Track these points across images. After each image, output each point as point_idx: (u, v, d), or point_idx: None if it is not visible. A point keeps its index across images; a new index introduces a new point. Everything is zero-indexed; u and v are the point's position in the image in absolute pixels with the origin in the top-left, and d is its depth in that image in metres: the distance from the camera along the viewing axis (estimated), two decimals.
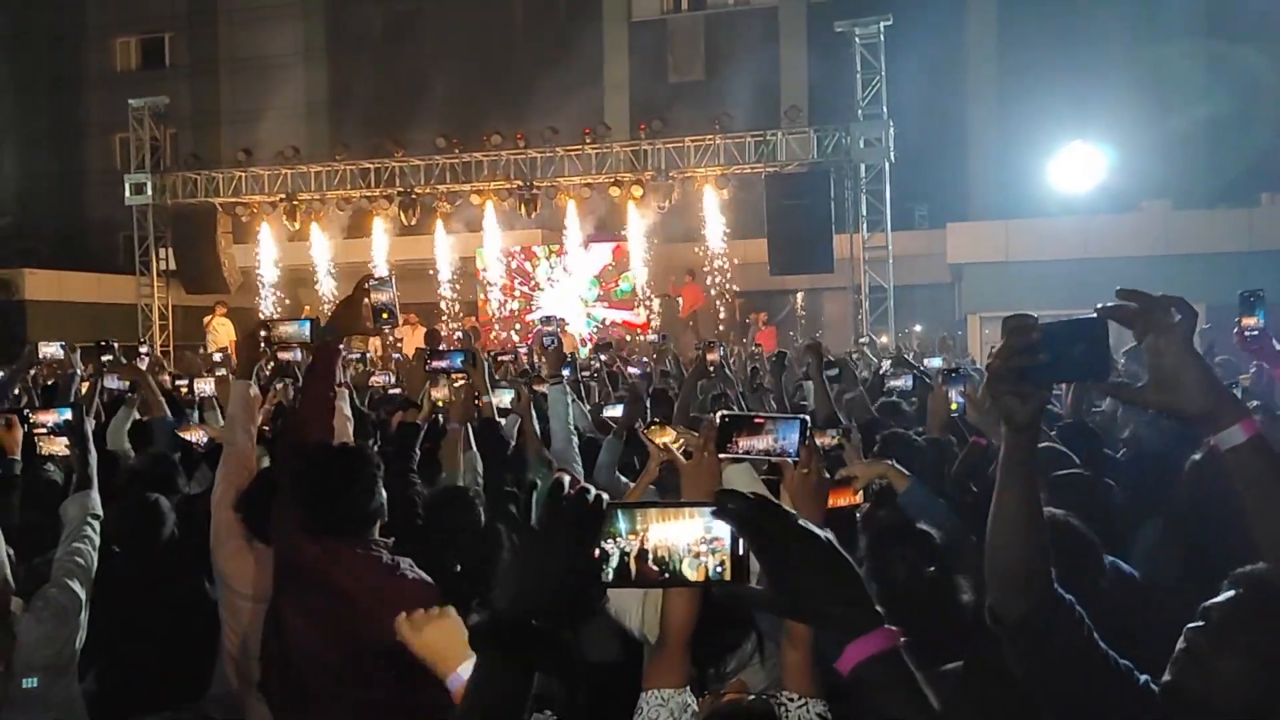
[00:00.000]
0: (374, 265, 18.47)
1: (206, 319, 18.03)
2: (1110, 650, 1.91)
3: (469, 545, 3.39)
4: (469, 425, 4.68)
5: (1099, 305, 1.68)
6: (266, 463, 3.92)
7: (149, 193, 19.54)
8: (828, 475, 2.51)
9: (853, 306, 17.63)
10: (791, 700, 2.27)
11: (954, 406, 4.66)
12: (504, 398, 6.01)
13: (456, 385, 4.79)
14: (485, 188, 18.40)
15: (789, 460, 2.30)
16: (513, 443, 5.40)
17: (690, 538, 1.24)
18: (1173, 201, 18.70)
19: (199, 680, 3.43)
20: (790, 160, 17.13)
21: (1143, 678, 1.90)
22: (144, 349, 10.09)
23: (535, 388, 6.71)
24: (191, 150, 21.43)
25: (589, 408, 7.22)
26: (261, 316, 17.64)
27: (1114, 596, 2.86)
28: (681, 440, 3.48)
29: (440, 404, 4.67)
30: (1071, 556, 2.20)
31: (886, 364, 7.01)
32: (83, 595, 3.27)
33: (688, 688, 2.32)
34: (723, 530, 1.23)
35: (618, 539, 1.24)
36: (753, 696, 2.18)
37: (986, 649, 2.38)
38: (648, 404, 6.24)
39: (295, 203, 18.92)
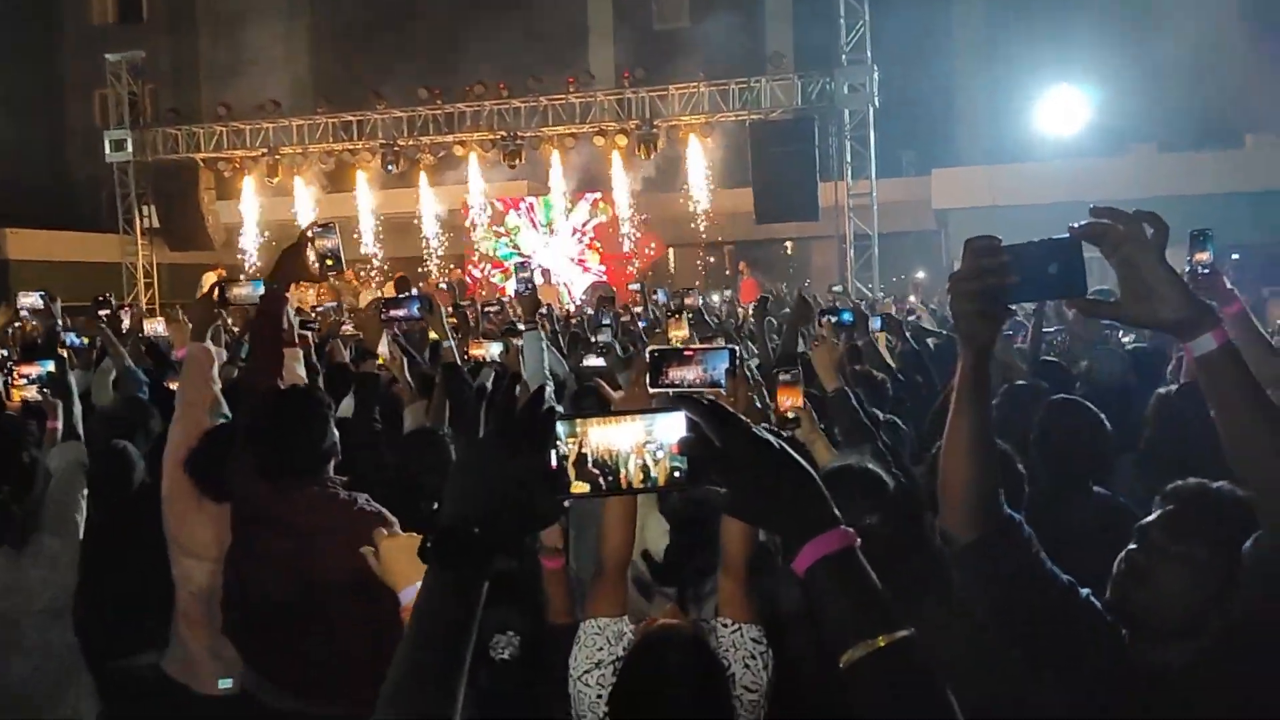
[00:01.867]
0: (354, 218, 18.38)
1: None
2: (1060, 572, 1.95)
3: (438, 485, 3.41)
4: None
5: (1072, 225, 1.69)
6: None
7: (129, 149, 19.37)
8: (759, 405, 2.54)
9: (839, 255, 17.61)
10: (725, 626, 2.32)
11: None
12: (493, 350, 6.06)
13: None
14: (468, 139, 18.26)
15: (720, 390, 2.33)
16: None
17: (633, 440, 1.22)
18: (1158, 144, 18.65)
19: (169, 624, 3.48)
20: (775, 107, 17.02)
21: (1085, 592, 1.95)
22: (128, 306, 10.07)
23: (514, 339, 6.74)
24: (171, 105, 21.19)
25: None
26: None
27: (1105, 525, 2.94)
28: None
29: (381, 361, 4.70)
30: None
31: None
32: (74, 542, 3.34)
33: (625, 616, 2.37)
34: (666, 434, 1.22)
35: (556, 445, 1.22)
36: (685, 622, 2.23)
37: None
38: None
39: (277, 157, 18.78)
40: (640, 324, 8.78)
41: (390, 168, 18.41)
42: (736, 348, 2.42)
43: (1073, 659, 1.95)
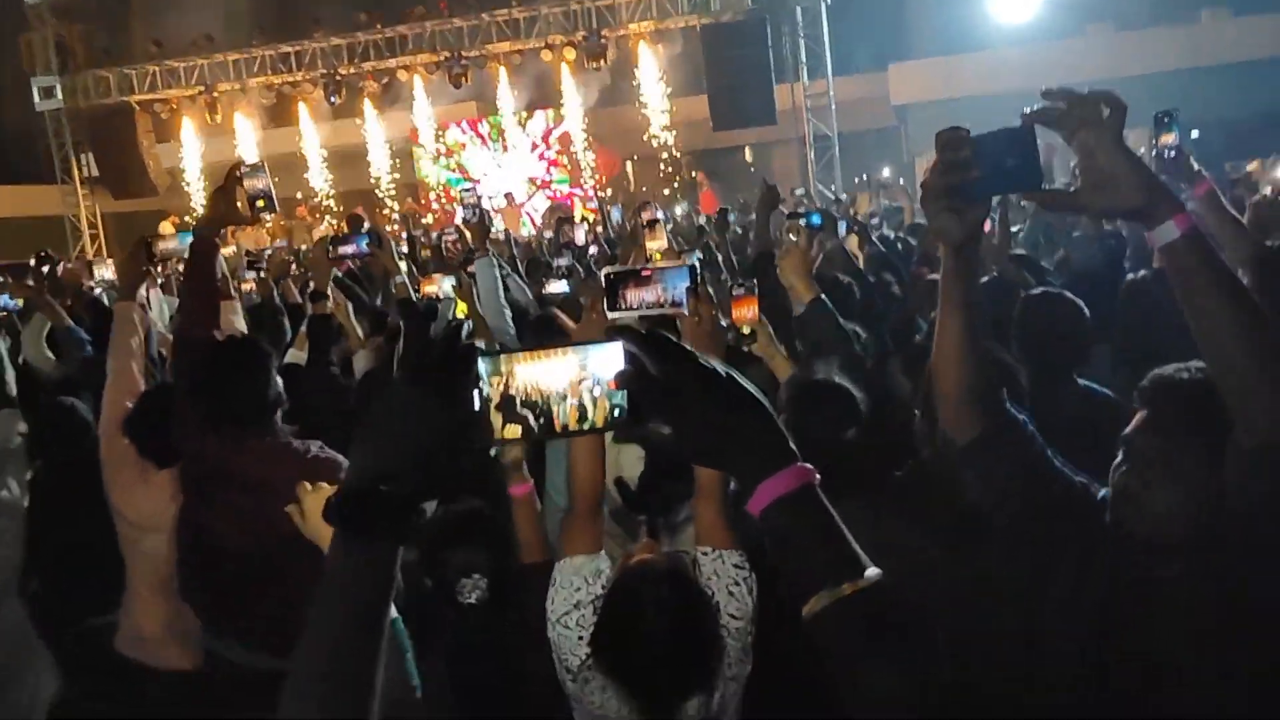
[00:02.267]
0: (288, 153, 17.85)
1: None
2: (1065, 467, 1.87)
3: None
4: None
5: (1025, 110, 1.58)
6: None
7: (59, 96, 18.66)
8: (724, 324, 2.38)
9: (800, 159, 17.36)
10: (705, 554, 2.21)
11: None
12: (444, 285, 5.87)
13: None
14: (411, 62, 17.70)
15: (681, 310, 2.16)
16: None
17: (567, 378, 1.09)
18: (1114, 23, 18.38)
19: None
20: (725, 9, 16.55)
21: (1101, 492, 1.86)
22: (63, 262, 9.70)
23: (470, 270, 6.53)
24: (101, 46, 20.36)
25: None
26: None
27: (1089, 417, 2.85)
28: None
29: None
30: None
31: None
32: (16, 518, 3.18)
33: (601, 552, 2.25)
34: (603, 369, 1.08)
35: (478, 386, 1.08)
36: (661, 557, 2.10)
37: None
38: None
39: (215, 94, 18.14)
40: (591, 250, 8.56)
41: (333, 99, 17.85)
42: (696, 264, 2.24)
43: (1082, 564, 1.83)
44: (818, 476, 1.07)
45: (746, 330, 3.12)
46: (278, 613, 2.79)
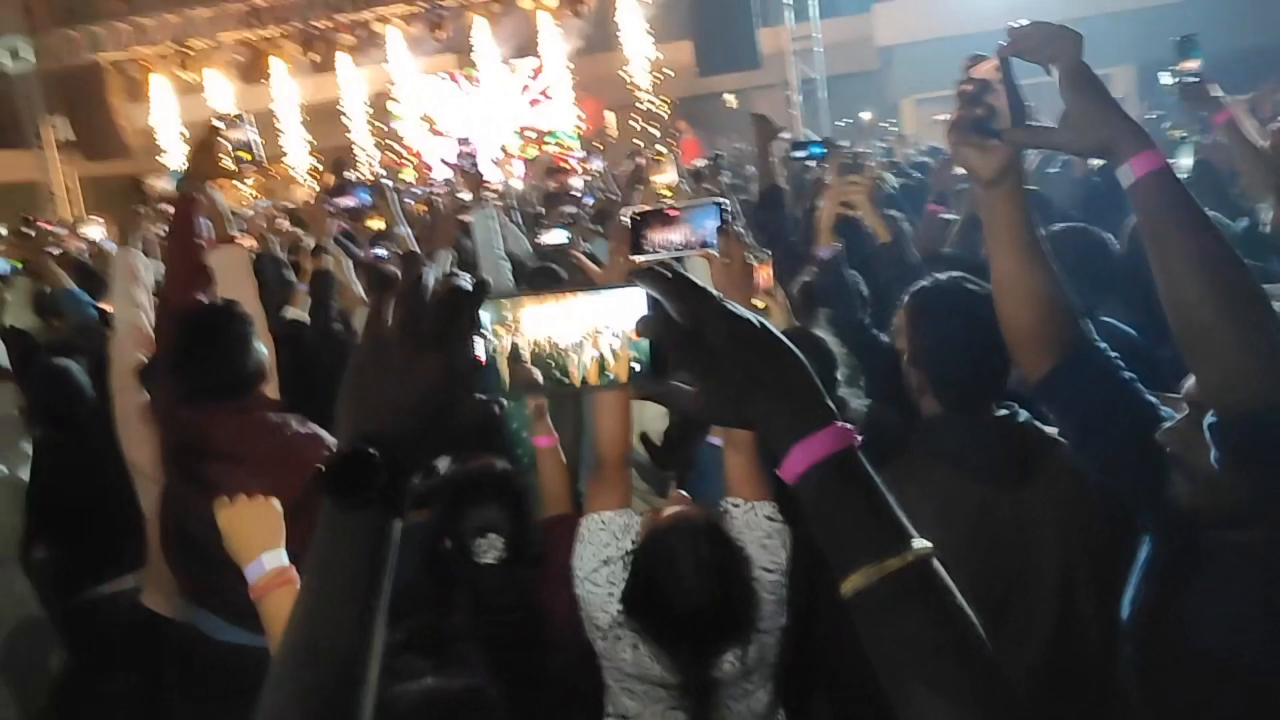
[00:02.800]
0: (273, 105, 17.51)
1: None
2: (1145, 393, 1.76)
3: None
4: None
5: (999, 45, 1.53)
6: None
7: (28, 57, 18.20)
8: (753, 263, 2.31)
9: (784, 103, 17.14)
10: (737, 506, 2.16)
11: None
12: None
13: None
14: (386, 13, 17.33)
15: (710, 251, 2.09)
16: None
17: (582, 326, 0.97)
18: None
19: (136, 550, 3.27)
20: None
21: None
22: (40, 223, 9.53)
23: (463, 218, 6.41)
24: (67, 5, 19.86)
25: None
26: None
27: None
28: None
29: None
30: None
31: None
32: (13, 487, 3.12)
33: (629, 507, 2.20)
34: (622, 316, 0.96)
35: (483, 335, 0.96)
36: (692, 510, 2.05)
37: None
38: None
39: (186, 52, 17.75)
40: (586, 199, 8.42)
41: (308, 53, 17.49)
42: (725, 201, 2.16)
43: (1163, 499, 1.69)
44: (859, 438, 0.96)
45: (760, 303, 3.03)
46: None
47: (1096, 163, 5.59)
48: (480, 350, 0.96)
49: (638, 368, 0.97)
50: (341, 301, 4.52)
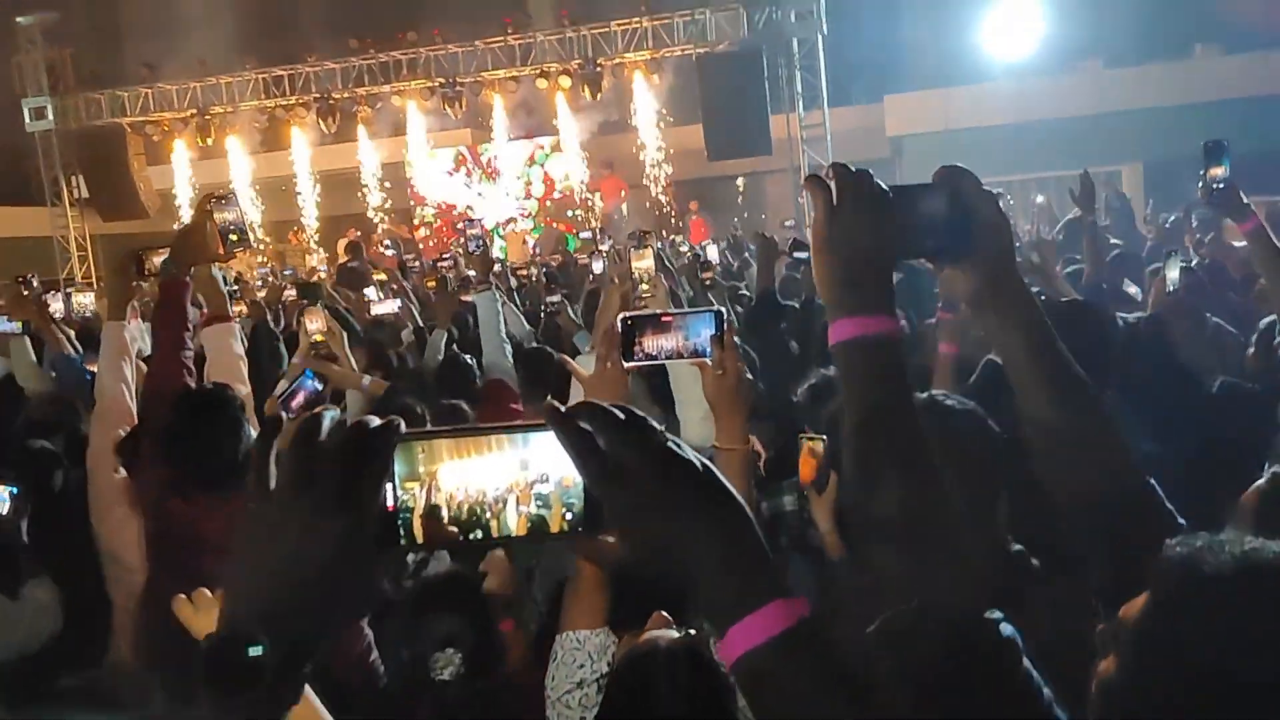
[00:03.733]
0: (294, 177, 17.72)
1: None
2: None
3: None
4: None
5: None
6: None
7: (50, 117, 18.51)
8: (749, 377, 2.24)
9: (794, 189, 17.32)
10: None
11: None
12: (390, 306, 5.90)
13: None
14: (406, 88, 17.63)
15: (704, 361, 2.03)
16: (439, 359, 5.14)
17: (507, 477, 0.86)
18: (1104, 59, 18.45)
19: (98, 642, 3.16)
20: (721, 39, 16.55)
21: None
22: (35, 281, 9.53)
23: (464, 298, 6.42)
24: (92, 68, 20.24)
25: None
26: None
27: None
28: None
29: (318, 339, 4.40)
30: None
31: None
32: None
33: (606, 627, 2.11)
34: (552, 464, 0.85)
35: (392, 483, 0.85)
36: (676, 633, 1.96)
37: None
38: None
39: (207, 117, 18.04)
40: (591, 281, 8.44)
41: (326, 123, 17.75)
42: (722, 310, 2.11)
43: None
44: (806, 613, 0.85)
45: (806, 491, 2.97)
46: None
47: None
48: (390, 496, 0.84)
49: (570, 517, 0.87)
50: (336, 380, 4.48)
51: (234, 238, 2.96)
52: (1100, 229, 6.81)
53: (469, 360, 5.02)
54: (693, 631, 2.01)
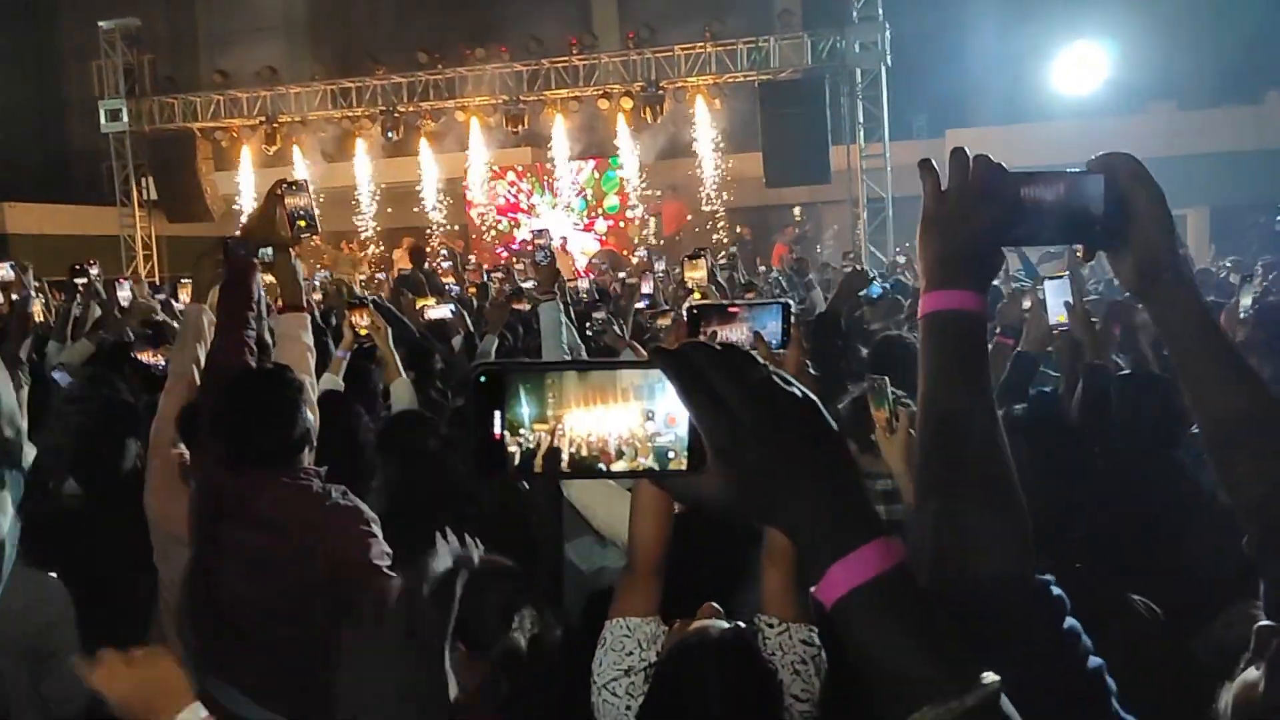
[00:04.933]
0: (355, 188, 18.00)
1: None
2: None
3: (422, 467, 3.29)
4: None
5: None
6: None
7: (125, 120, 18.99)
8: (812, 371, 2.22)
9: (850, 219, 17.25)
10: (771, 626, 2.03)
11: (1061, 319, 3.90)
12: (443, 310, 6.02)
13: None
14: (469, 104, 17.86)
15: (771, 355, 2.02)
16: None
17: (628, 429, 0.86)
18: (1177, 101, 18.21)
19: (141, 617, 3.19)
20: (784, 67, 16.58)
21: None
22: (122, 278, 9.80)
23: (516, 305, 6.46)
24: (168, 73, 20.79)
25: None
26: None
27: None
28: None
29: (362, 331, 4.51)
30: None
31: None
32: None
33: (657, 616, 2.08)
34: (661, 401, 0.85)
35: (519, 430, 0.86)
36: (725, 624, 1.93)
37: None
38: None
39: (275, 125, 18.41)
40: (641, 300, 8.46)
41: (390, 135, 18.04)
42: (789, 302, 2.09)
43: None
44: (905, 556, 0.83)
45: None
46: (278, 663, 2.65)
47: None
48: (496, 428, 0.86)
49: (672, 457, 0.86)
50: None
51: (302, 223, 3.00)
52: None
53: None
54: (741, 624, 1.98)
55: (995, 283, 1.56)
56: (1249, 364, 1.36)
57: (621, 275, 11.07)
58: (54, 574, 2.92)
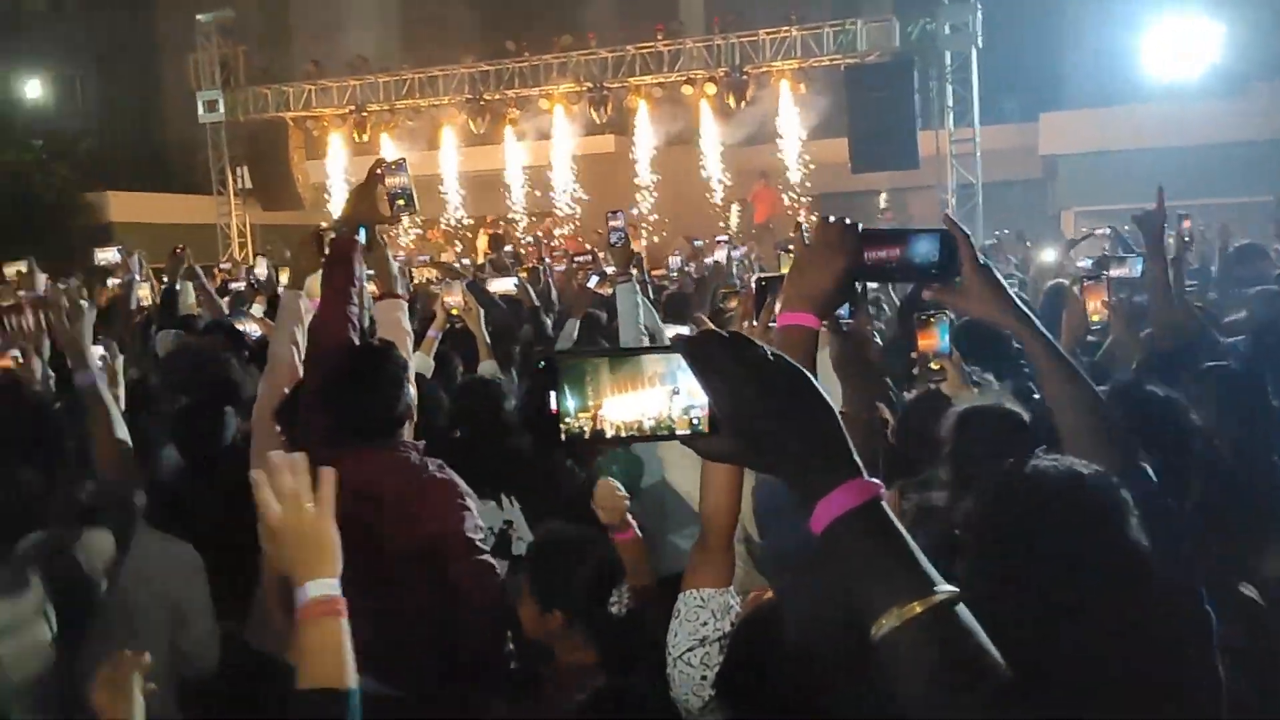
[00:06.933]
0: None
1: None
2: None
3: (492, 433, 3.36)
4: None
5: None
6: None
7: (220, 110, 19.53)
8: (879, 342, 2.22)
9: (939, 206, 16.93)
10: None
11: (1095, 316, 3.85)
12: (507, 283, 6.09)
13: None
14: (554, 91, 17.96)
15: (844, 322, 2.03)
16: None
17: (659, 409, 1.06)
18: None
19: (244, 592, 3.27)
20: (871, 50, 16.34)
21: None
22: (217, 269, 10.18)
23: (598, 289, 6.50)
24: (262, 64, 21.32)
25: None
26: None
27: None
28: None
29: (454, 312, 4.64)
30: None
31: None
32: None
33: (730, 587, 2.08)
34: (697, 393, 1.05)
35: (565, 419, 1.06)
36: None
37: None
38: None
39: (364, 114, 18.75)
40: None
41: (478, 122, 18.23)
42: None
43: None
44: (884, 490, 1.03)
45: (934, 365, 2.88)
46: (374, 630, 2.70)
47: None
48: (552, 404, 1.05)
49: (696, 423, 1.05)
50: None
51: (401, 202, 3.07)
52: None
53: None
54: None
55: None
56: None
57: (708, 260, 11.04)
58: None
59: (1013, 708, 0.97)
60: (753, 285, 2.17)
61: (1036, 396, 3.05)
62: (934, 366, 2.84)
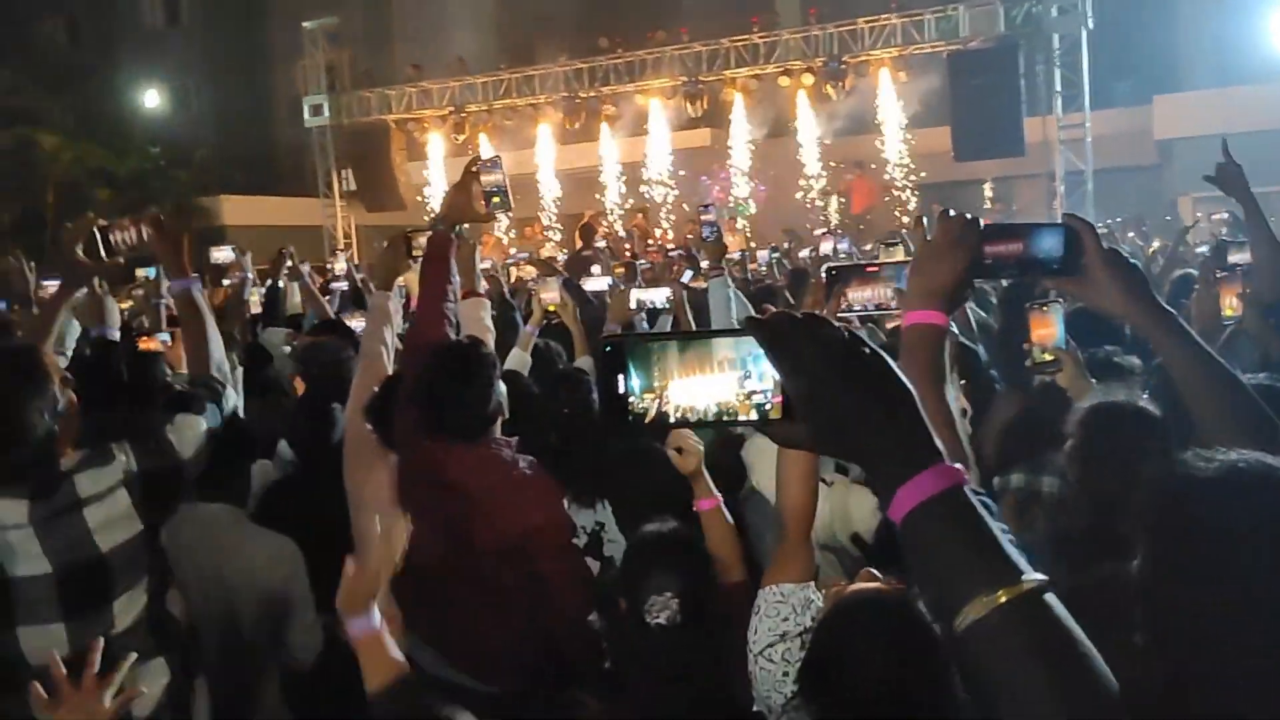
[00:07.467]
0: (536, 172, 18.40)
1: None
2: None
3: (580, 426, 3.38)
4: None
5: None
6: None
7: (326, 114, 20.05)
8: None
9: (1046, 194, 16.41)
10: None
11: (1229, 311, 3.71)
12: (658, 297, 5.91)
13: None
14: (649, 86, 17.95)
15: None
16: None
17: (727, 394, 1.03)
18: None
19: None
20: (974, 35, 15.89)
21: None
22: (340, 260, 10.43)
23: (691, 284, 6.45)
24: (365, 68, 21.83)
25: None
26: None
27: None
28: None
29: (551, 309, 4.63)
30: None
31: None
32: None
33: (811, 582, 2.03)
34: (767, 369, 1.01)
35: (629, 399, 1.03)
36: (884, 586, 1.83)
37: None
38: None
39: (463, 115, 19.04)
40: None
41: (571, 121, 18.35)
42: None
43: None
44: (967, 476, 0.98)
45: (1048, 356, 2.75)
46: (469, 626, 2.71)
47: None
48: (620, 387, 1.03)
49: (769, 409, 1.02)
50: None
51: (496, 199, 3.09)
52: None
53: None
54: (902, 586, 1.88)
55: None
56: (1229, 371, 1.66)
57: (803, 254, 10.87)
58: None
59: (1106, 701, 0.90)
60: (823, 275, 2.08)
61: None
62: (1048, 358, 2.70)
